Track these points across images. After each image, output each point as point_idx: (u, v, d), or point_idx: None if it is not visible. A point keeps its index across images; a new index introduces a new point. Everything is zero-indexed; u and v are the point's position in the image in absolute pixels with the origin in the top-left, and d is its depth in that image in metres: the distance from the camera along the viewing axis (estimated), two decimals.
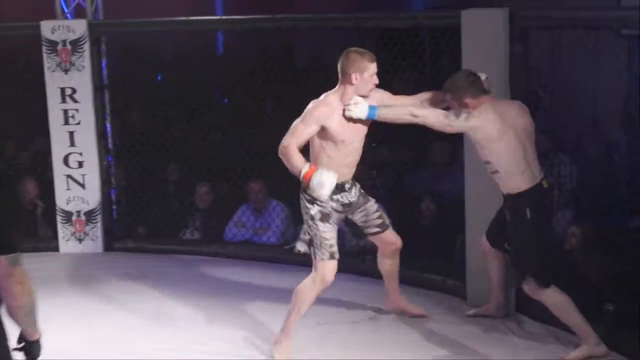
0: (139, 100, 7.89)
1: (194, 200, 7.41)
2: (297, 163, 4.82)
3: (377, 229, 5.31)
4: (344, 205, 5.08)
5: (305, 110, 4.91)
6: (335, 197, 4.99)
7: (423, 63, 6.31)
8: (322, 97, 4.95)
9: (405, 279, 5.80)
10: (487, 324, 5.46)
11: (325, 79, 5.33)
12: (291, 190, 7.19)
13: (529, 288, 4.96)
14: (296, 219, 7.07)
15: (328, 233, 4.96)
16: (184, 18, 7.06)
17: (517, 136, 4.90)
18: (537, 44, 5.77)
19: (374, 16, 6.31)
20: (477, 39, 5.51)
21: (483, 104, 4.90)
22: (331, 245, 4.96)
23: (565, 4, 8.14)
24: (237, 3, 9.56)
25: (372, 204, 5.27)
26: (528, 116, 5.02)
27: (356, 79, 4.85)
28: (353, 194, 5.12)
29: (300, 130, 4.86)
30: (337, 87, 4.94)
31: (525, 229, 4.90)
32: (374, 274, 5.80)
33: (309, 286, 4.99)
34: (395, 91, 5.18)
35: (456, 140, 5.99)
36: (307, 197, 4.94)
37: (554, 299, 4.93)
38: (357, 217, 5.24)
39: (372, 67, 4.88)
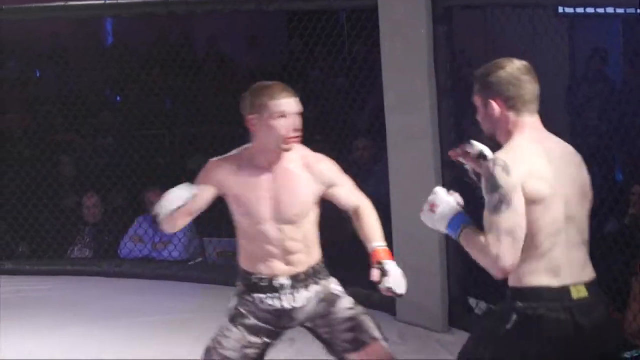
0: (14, 100, 7.75)
1: (82, 213, 7.30)
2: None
3: (349, 346, 3.76)
4: (276, 311, 3.75)
5: None
6: (259, 297, 3.75)
7: (338, 49, 6.32)
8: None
9: None
10: (420, 342, 5.48)
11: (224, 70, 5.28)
12: None
13: None
14: (201, 230, 7.03)
15: (228, 341, 3.71)
16: (60, 4, 6.90)
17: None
18: (469, 26, 5.82)
19: None
20: (397, 21, 5.51)
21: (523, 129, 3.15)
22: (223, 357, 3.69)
23: None
24: None
25: (344, 308, 3.78)
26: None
27: (253, 126, 3.64)
28: (300, 297, 3.76)
29: None
30: None
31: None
32: None
33: None
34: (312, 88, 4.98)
35: (379, 135, 6.00)
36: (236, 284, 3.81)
37: None
38: (321, 331, 3.83)
39: (274, 106, 3.58)
